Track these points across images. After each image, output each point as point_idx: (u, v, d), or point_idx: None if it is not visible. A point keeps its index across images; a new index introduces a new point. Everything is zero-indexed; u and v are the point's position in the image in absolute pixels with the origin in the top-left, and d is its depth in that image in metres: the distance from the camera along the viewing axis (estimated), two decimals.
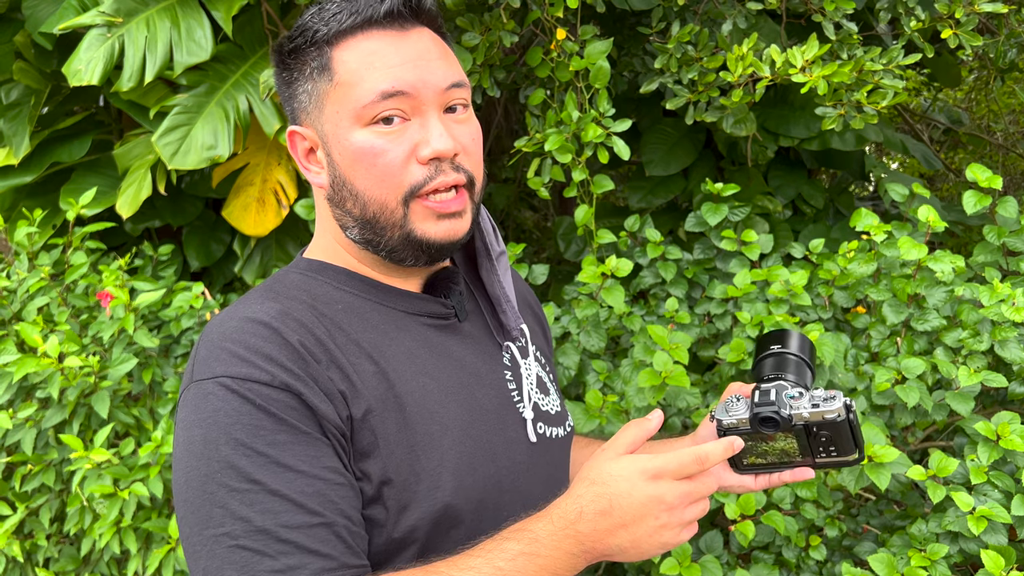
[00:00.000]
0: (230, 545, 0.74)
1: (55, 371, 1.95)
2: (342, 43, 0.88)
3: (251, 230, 2.56)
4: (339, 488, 0.78)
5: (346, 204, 0.90)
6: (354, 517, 0.79)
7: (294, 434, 0.77)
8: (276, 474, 0.76)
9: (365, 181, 0.87)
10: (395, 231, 0.88)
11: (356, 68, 0.86)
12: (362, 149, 0.86)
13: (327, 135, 0.89)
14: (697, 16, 2.28)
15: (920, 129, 4.38)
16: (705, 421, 1.02)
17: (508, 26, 2.08)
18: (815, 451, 0.94)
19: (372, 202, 0.88)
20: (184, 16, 2.33)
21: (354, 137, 0.87)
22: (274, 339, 0.80)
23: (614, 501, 0.76)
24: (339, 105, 0.87)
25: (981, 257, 1.91)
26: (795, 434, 0.93)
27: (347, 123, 0.87)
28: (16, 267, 2.35)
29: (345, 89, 0.87)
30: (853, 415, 0.92)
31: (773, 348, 1.01)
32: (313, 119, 0.91)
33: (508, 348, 1.02)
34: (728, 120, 2.31)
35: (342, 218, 0.91)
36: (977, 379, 1.63)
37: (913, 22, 2.08)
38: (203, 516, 0.76)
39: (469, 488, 0.87)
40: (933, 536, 1.59)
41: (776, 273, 1.91)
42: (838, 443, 0.93)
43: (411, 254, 0.90)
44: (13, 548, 2.04)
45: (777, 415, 0.91)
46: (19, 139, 2.53)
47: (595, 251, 2.18)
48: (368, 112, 0.86)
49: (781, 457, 0.96)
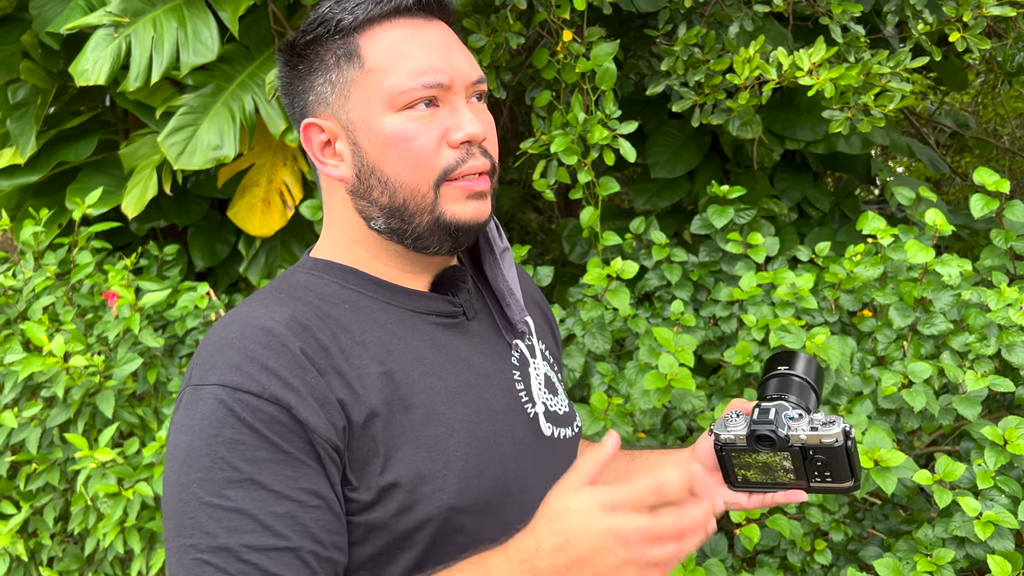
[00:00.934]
0: (195, 557, 0.75)
1: (60, 370, 1.95)
2: (369, 31, 0.88)
3: (256, 230, 2.56)
4: (313, 511, 0.78)
5: (372, 193, 0.89)
6: (325, 541, 0.78)
7: (274, 452, 0.77)
8: (248, 492, 0.76)
9: (397, 166, 0.87)
10: (424, 216, 0.89)
11: (388, 55, 0.87)
12: (395, 134, 0.86)
13: (354, 123, 0.89)
14: (704, 18, 2.28)
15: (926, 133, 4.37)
16: (704, 435, 1.02)
17: (514, 27, 2.08)
18: (810, 475, 0.94)
19: (403, 187, 0.88)
20: (191, 16, 2.34)
21: (386, 122, 0.87)
22: (274, 346, 0.80)
23: (570, 535, 0.71)
24: (370, 91, 0.87)
25: (988, 261, 1.90)
26: (791, 455, 0.93)
27: (378, 108, 0.87)
28: (22, 266, 2.36)
29: (377, 75, 0.87)
30: (851, 443, 0.91)
31: (779, 369, 1.01)
32: (335, 109, 0.90)
33: (517, 347, 1.01)
34: (734, 123, 2.31)
35: (367, 209, 0.91)
36: (984, 383, 1.62)
37: (920, 25, 2.08)
38: (176, 523, 0.77)
39: (475, 491, 0.86)
40: (939, 541, 1.59)
41: (782, 276, 1.90)
42: (833, 469, 0.92)
43: (437, 239, 0.90)
44: (17, 547, 2.05)
45: (774, 434, 0.91)
46: (25, 138, 2.54)
47: (600, 253, 2.18)
48: (403, 97, 0.86)
49: (775, 477, 0.95)
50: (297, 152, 2.61)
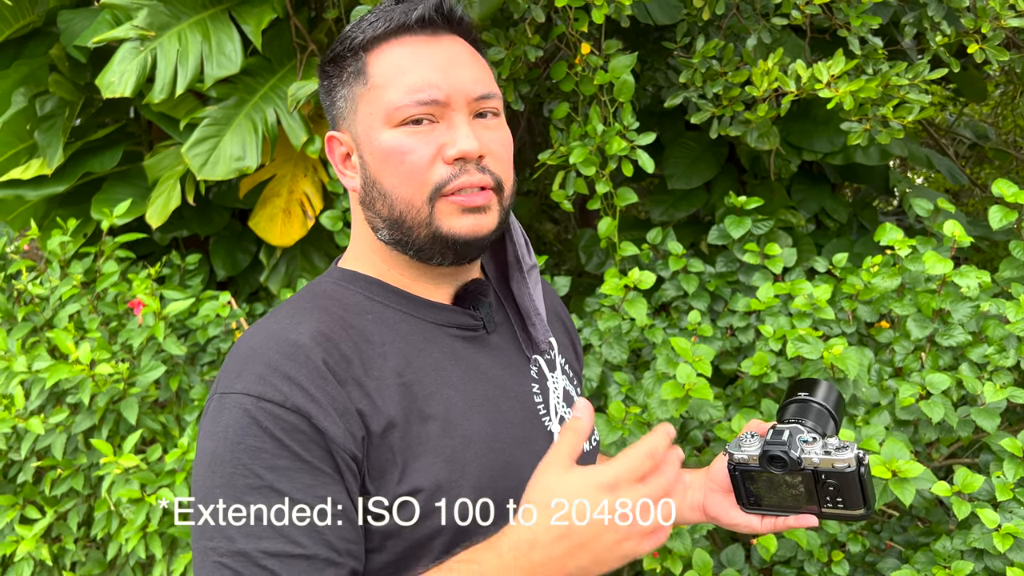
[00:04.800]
0: (214, 560, 0.78)
1: (86, 377, 1.98)
2: (376, 49, 0.91)
3: (277, 240, 2.59)
4: (331, 520, 0.80)
5: (376, 205, 0.92)
6: (341, 548, 0.80)
7: (294, 460, 0.79)
8: (268, 499, 0.78)
9: (393, 179, 0.90)
10: (421, 229, 0.90)
11: (388, 72, 0.90)
12: (391, 148, 0.89)
13: (360, 137, 0.92)
14: (721, 31, 2.30)
15: (945, 144, 4.35)
16: (720, 456, 1.04)
17: (533, 40, 2.11)
18: (821, 500, 0.94)
19: (399, 200, 0.90)
20: (215, 30, 2.38)
21: (383, 137, 0.90)
22: (297, 357, 0.82)
23: (573, 522, 0.71)
24: (371, 107, 0.90)
25: (1007, 272, 1.90)
26: (803, 479, 0.93)
27: (378, 124, 0.90)
28: (48, 275, 2.40)
29: (378, 92, 0.90)
30: (865, 469, 0.91)
31: (799, 395, 1.02)
32: (348, 123, 0.94)
33: (536, 361, 1.02)
34: (752, 134, 2.31)
35: (372, 219, 0.94)
36: (1003, 395, 1.62)
37: (939, 37, 2.08)
38: (201, 525, 0.80)
39: (490, 502, 0.88)
40: (958, 553, 1.58)
41: (800, 287, 1.90)
42: (845, 495, 0.92)
43: (438, 252, 0.91)
44: (42, 552, 2.08)
45: (786, 455, 0.92)
46: (53, 150, 2.58)
47: (618, 263, 2.19)
48: (399, 114, 0.88)
49: (786, 501, 0.96)
50: (318, 163, 2.64)
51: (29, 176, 2.63)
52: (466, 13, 0.95)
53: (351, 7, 2.39)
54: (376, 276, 0.96)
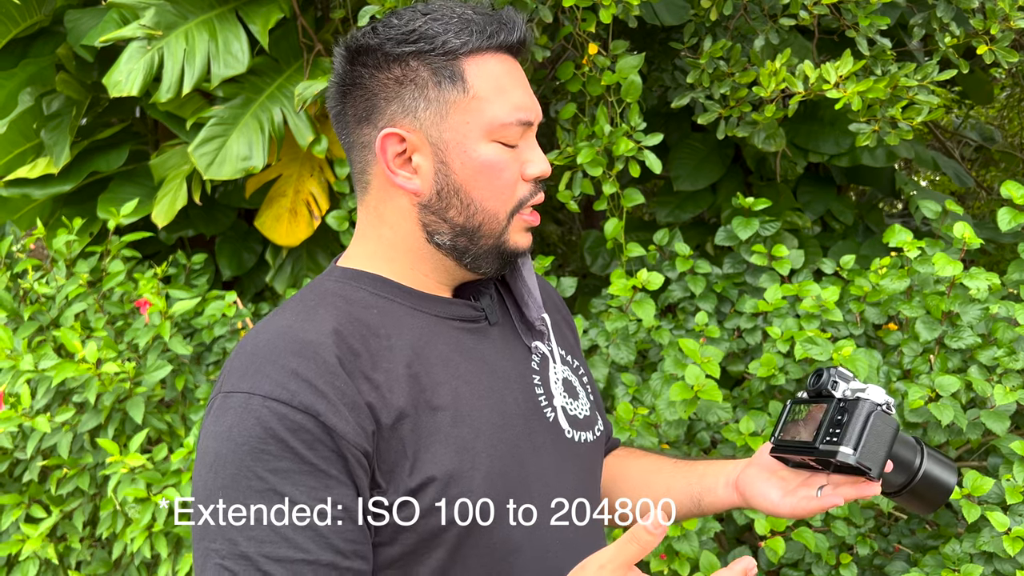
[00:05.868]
0: (216, 562, 0.77)
1: (92, 376, 1.98)
2: (473, 58, 0.91)
3: (283, 240, 2.59)
4: (334, 523, 0.79)
5: (449, 211, 0.92)
6: (346, 551, 0.80)
7: (298, 463, 0.78)
8: (270, 502, 0.78)
9: (484, 191, 0.92)
10: (491, 240, 0.94)
11: (491, 86, 0.91)
12: (489, 162, 0.91)
13: (447, 142, 0.90)
14: (729, 32, 2.29)
15: (951, 146, 4.34)
16: (765, 444, 1.05)
17: (540, 41, 2.10)
18: (824, 434, 0.93)
19: (483, 211, 0.92)
20: (222, 30, 2.38)
21: (482, 149, 0.90)
22: (304, 352, 0.82)
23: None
24: (470, 117, 0.90)
25: (1016, 275, 1.89)
26: (826, 409, 0.95)
27: (476, 134, 0.90)
28: (54, 274, 2.40)
29: (481, 103, 0.90)
30: (879, 420, 0.91)
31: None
32: (426, 125, 0.90)
33: (537, 350, 1.03)
34: (759, 135, 2.31)
35: (435, 224, 0.93)
36: (1012, 398, 1.61)
37: (948, 38, 2.07)
38: (203, 526, 0.79)
39: (500, 491, 0.88)
40: (967, 556, 1.57)
41: (807, 288, 1.90)
42: (846, 427, 0.91)
43: (492, 262, 0.96)
44: (47, 551, 2.08)
45: (826, 371, 0.96)
46: (59, 149, 2.58)
47: (624, 264, 2.18)
48: (503, 130, 0.91)
49: (803, 436, 0.96)
50: (324, 163, 2.64)
51: (35, 175, 2.63)
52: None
53: (358, 7, 2.39)
54: (380, 274, 0.96)
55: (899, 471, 0.97)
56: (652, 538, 0.73)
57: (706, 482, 1.11)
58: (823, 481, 0.98)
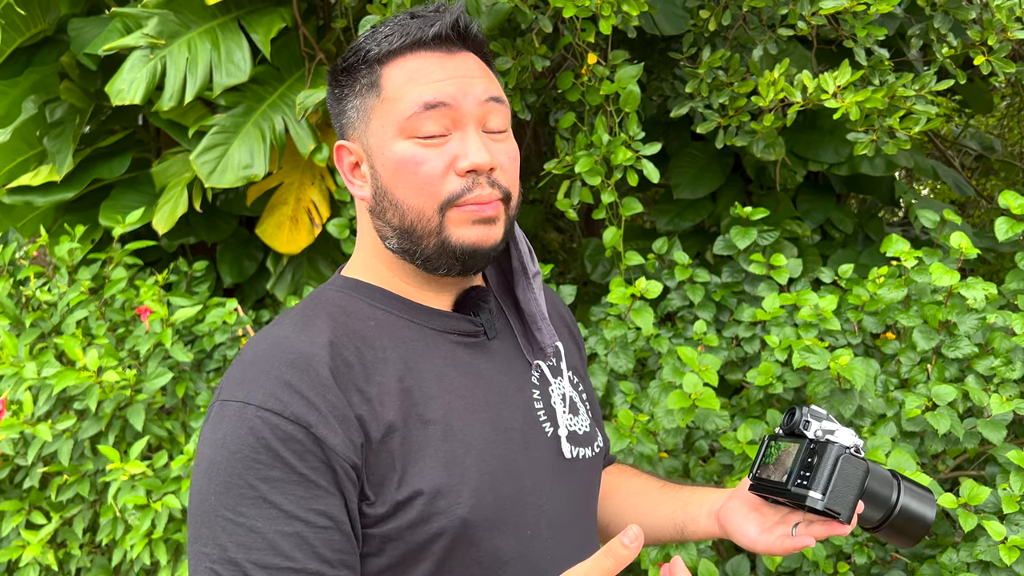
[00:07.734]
0: (207, 566, 0.79)
1: (93, 384, 1.99)
2: (391, 62, 0.92)
3: (284, 248, 2.60)
4: (322, 532, 0.80)
5: (386, 214, 0.93)
6: (333, 560, 0.81)
7: (288, 472, 0.80)
8: (260, 510, 0.79)
9: (405, 190, 0.91)
10: (431, 239, 0.91)
11: (401, 84, 0.90)
12: (404, 159, 0.90)
13: (372, 147, 0.93)
14: (728, 42, 2.31)
15: (951, 155, 4.35)
16: (746, 479, 1.05)
17: (540, 51, 2.12)
18: (795, 475, 0.94)
19: (410, 210, 0.91)
20: (224, 39, 2.39)
21: (396, 148, 0.90)
22: (299, 364, 0.83)
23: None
24: (384, 119, 0.91)
25: (1013, 284, 1.89)
26: (798, 449, 0.95)
27: (391, 135, 0.91)
28: (56, 281, 2.41)
29: (391, 104, 0.91)
30: (848, 465, 0.92)
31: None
32: (359, 133, 0.94)
33: (538, 367, 1.03)
34: (758, 144, 2.32)
35: (382, 228, 0.94)
36: (1009, 407, 1.61)
37: (945, 48, 2.08)
38: (196, 530, 0.81)
39: (489, 506, 0.88)
40: (964, 565, 1.58)
41: (805, 297, 1.91)
42: (815, 471, 0.92)
43: (445, 262, 0.92)
44: (47, 557, 2.08)
45: (799, 410, 0.96)
46: (63, 156, 2.60)
47: (623, 273, 2.19)
48: (411, 124, 0.89)
49: (777, 475, 0.97)
50: (325, 171, 2.65)
51: (38, 182, 2.64)
52: (480, 31, 0.95)
53: (359, 17, 2.40)
54: (379, 284, 0.97)
55: (876, 507, 0.97)
56: (628, 552, 0.71)
57: (690, 511, 1.12)
58: (799, 519, 1.00)
